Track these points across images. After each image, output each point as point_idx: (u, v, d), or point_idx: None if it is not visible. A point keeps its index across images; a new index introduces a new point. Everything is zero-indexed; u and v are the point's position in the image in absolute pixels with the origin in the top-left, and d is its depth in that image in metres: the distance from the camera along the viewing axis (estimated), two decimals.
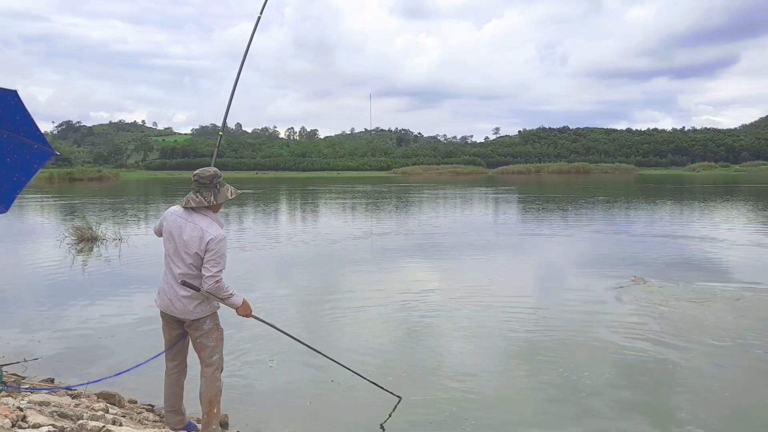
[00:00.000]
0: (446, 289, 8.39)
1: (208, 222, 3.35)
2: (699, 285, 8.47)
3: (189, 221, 3.35)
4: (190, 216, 3.38)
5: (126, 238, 13.51)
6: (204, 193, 3.38)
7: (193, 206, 3.37)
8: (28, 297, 8.05)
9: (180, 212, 3.42)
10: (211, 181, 3.39)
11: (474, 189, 43.00)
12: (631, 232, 15.23)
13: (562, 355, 5.54)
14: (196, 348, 3.49)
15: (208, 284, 3.26)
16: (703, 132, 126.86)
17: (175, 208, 3.49)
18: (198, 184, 3.38)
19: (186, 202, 3.40)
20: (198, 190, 3.38)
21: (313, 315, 7.14)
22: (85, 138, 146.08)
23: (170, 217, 3.43)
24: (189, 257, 3.31)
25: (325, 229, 16.91)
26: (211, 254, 3.27)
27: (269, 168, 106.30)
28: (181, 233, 3.33)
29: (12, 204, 3.94)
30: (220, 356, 3.52)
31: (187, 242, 3.30)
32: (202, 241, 3.27)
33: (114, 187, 48.63)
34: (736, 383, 4.85)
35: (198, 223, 3.33)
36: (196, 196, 3.38)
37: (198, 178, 3.39)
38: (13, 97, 3.43)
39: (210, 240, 3.27)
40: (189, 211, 3.40)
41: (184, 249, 3.31)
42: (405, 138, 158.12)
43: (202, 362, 3.48)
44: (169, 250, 3.39)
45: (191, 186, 3.42)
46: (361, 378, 4.39)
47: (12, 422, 2.77)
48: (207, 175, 3.39)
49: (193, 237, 3.29)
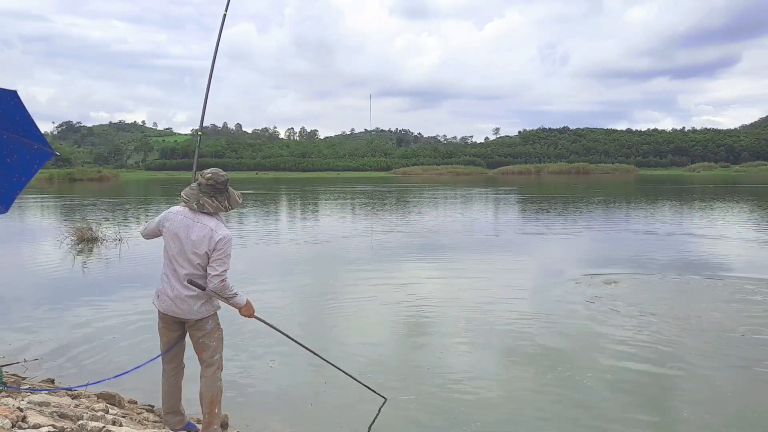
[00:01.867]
0: (446, 289, 8.39)
1: (216, 222, 3.38)
2: (702, 283, 8.47)
3: (196, 222, 3.35)
4: (197, 216, 3.38)
5: (126, 238, 13.51)
6: (219, 198, 3.41)
7: (211, 211, 3.38)
8: (29, 297, 8.04)
9: (186, 213, 3.41)
10: (225, 185, 3.43)
11: (474, 189, 42.99)
12: (631, 231, 15.24)
13: (562, 354, 5.54)
14: (197, 348, 3.48)
15: (214, 283, 3.27)
16: (703, 132, 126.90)
17: (177, 208, 3.45)
18: (213, 188, 3.39)
19: (200, 206, 3.37)
20: (213, 195, 3.39)
21: (311, 314, 7.14)
22: (85, 138, 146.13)
23: (175, 217, 3.40)
24: (197, 257, 3.30)
25: (324, 228, 16.91)
26: (218, 253, 3.29)
27: (269, 168, 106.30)
28: (189, 233, 3.32)
29: (12, 204, 3.94)
30: (220, 356, 3.52)
31: (196, 242, 3.30)
32: (211, 240, 3.30)
33: (114, 188, 48.63)
34: (739, 386, 4.85)
35: (206, 223, 3.35)
36: (212, 201, 3.38)
37: (214, 183, 3.39)
38: (13, 98, 3.43)
39: (219, 239, 3.30)
40: (195, 211, 3.40)
41: (192, 249, 3.30)
42: (405, 138, 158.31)
43: (203, 362, 3.47)
44: (173, 251, 3.36)
45: (202, 188, 3.39)
46: (360, 378, 4.39)
47: (12, 423, 2.77)
48: (222, 180, 3.42)
49: (202, 237, 3.30)
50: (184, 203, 3.45)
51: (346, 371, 4.33)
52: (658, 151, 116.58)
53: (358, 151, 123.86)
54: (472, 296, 7.89)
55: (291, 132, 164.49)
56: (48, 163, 4.06)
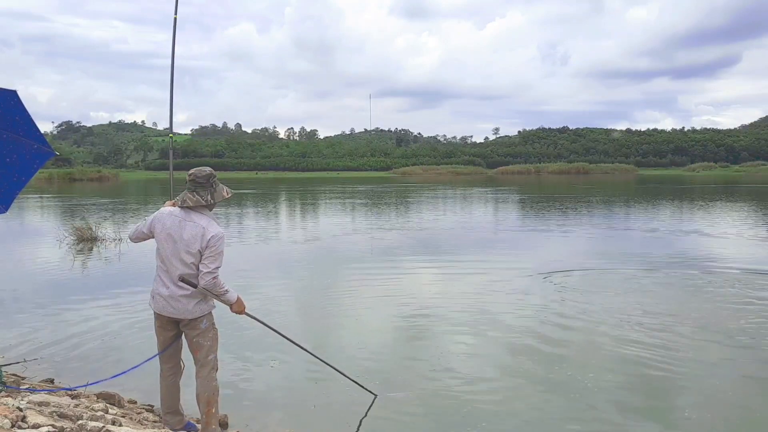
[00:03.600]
0: (446, 289, 8.39)
1: (207, 220, 3.40)
2: (706, 277, 8.48)
3: (188, 220, 3.37)
4: (188, 215, 3.40)
5: (126, 238, 13.50)
6: (201, 192, 3.41)
7: (191, 205, 3.39)
8: (28, 297, 8.04)
9: (176, 212, 3.42)
10: (207, 180, 3.43)
11: (474, 189, 42.99)
12: (632, 230, 15.24)
13: (562, 354, 5.54)
14: (192, 348, 3.49)
15: (206, 280, 3.29)
16: (703, 132, 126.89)
17: (167, 209, 3.47)
18: (194, 183, 3.42)
19: (183, 201, 3.42)
20: (194, 189, 3.41)
21: (311, 314, 7.14)
22: (85, 138, 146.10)
23: (166, 218, 3.41)
24: (190, 256, 3.32)
25: (324, 228, 16.89)
26: (210, 251, 3.31)
27: (269, 168, 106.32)
28: (182, 232, 3.34)
29: (12, 204, 3.94)
30: (215, 356, 3.53)
31: (188, 241, 3.32)
32: (203, 238, 3.31)
33: (114, 188, 48.61)
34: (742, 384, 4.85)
35: (198, 221, 3.37)
36: (193, 195, 3.40)
37: (194, 178, 3.42)
38: (13, 98, 3.43)
39: (211, 237, 3.32)
40: (186, 210, 3.42)
41: (185, 248, 3.32)
42: (405, 138, 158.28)
43: (198, 362, 3.48)
44: (166, 251, 3.37)
45: (186, 185, 3.44)
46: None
47: (12, 422, 2.77)
48: (203, 174, 3.43)
49: (194, 235, 3.32)
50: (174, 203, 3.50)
51: (336, 367, 4.35)
52: (657, 151, 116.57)
53: (358, 151, 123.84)
54: (471, 295, 7.87)
55: (291, 132, 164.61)
56: (48, 163, 4.06)
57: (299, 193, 38.37)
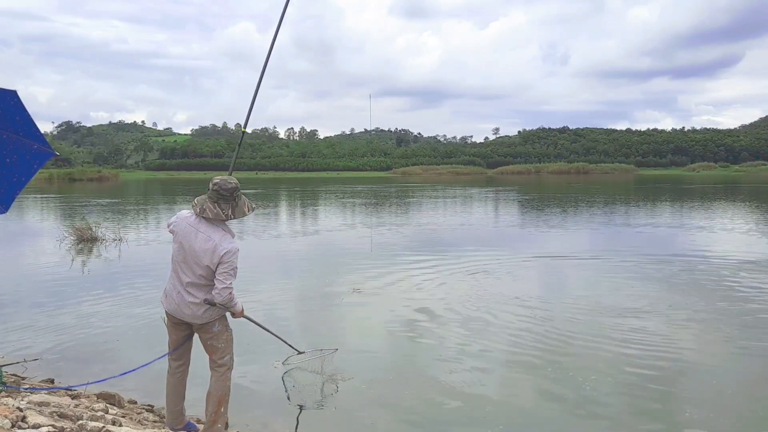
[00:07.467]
0: (445, 288, 8.38)
1: (221, 235, 3.27)
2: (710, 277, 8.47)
3: (200, 232, 3.26)
4: (202, 225, 3.28)
5: (125, 238, 13.51)
6: (222, 205, 3.27)
7: (210, 217, 3.27)
8: (28, 297, 8.04)
9: (191, 220, 3.32)
10: (231, 193, 3.27)
11: (473, 189, 42.98)
12: (632, 229, 15.25)
13: (561, 353, 5.54)
14: (206, 350, 3.47)
15: (223, 296, 3.23)
16: (703, 132, 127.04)
17: (186, 213, 3.40)
18: (218, 194, 3.25)
19: (201, 211, 3.27)
20: (216, 201, 3.26)
21: (310, 313, 7.14)
22: (85, 138, 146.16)
23: (181, 224, 3.34)
24: (199, 268, 3.25)
25: (323, 227, 16.89)
26: (224, 267, 3.22)
27: (269, 168, 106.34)
28: (192, 244, 3.25)
29: (12, 204, 3.94)
30: (230, 357, 3.51)
31: (198, 254, 3.23)
32: (215, 254, 3.21)
33: (114, 188, 48.61)
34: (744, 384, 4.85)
35: (210, 235, 3.24)
36: (214, 207, 3.26)
37: (219, 189, 3.24)
38: (13, 98, 3.42)
39: (225, 253, 3.21)
40: (201, 219, 3.31)
41: (194, 260, 3.25)
42: (405, 138, 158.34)
43: (213, 363, 3.46)
44: (178, 257, 3.33)
45: (209, 194, 3.29)
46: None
47: (12, 422, 2.76)
48: (229, 187, 3.26)
49: (205, 249, 3.22)
50: (192, 207, 3.38)
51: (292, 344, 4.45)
52: (657, 151, 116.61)
53: (358, 151, 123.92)
54: (471, 295, 7.87)
55: (291, 132, 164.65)
56: (48, 163, 4.05)
57: (299, 193, 38.36)
